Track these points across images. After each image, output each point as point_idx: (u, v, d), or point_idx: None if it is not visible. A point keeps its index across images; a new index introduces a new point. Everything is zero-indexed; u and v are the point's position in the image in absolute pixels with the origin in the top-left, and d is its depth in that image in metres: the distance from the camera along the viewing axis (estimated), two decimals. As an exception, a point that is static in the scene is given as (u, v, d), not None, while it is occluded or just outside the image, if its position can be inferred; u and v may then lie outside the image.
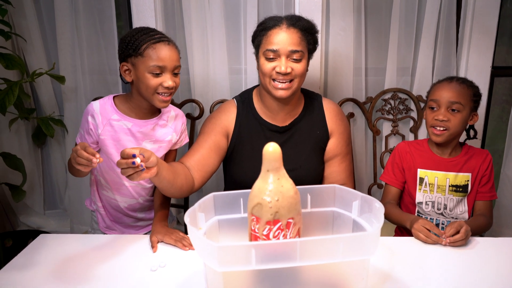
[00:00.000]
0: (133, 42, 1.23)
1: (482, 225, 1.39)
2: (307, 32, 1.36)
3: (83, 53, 1.94)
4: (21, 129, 2.06)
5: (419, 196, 1.47)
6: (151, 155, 1.08)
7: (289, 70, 1.33)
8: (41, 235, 1.33)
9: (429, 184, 1.45)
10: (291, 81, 1.35)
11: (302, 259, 0.88)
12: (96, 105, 1.31)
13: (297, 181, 1.15)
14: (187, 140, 1.48)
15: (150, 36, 1.24)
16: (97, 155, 1.05)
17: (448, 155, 1.45)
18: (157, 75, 1.23)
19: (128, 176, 1.05)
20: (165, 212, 1.37)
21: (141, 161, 1.04)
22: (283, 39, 1.33)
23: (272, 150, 0.92)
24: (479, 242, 1.25)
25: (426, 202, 1.46)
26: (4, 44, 1.80)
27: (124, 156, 1.03)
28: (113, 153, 1.32)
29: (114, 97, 1.35)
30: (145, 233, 1.49)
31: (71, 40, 1.93)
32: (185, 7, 1.88)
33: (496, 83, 2.03)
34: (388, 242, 1.26)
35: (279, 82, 1.35)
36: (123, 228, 1.48)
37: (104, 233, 1.47)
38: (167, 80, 1.24)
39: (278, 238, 0.96)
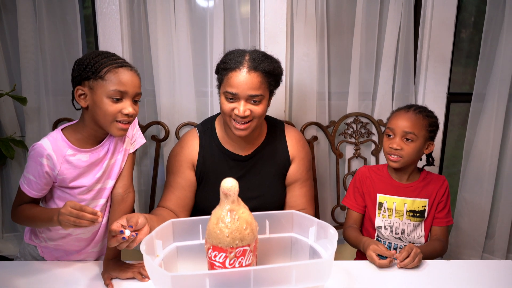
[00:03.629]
0: (93, 65, 1.15)
1: (438, 249, 1.43)
2: (269, 74, 1.36)
3: (47, 73, 1.91)
4: (-20, 150, 2.00)
5: (378, 221, 1.50)
6: (138, 218, 1.11)
7: (247, 113, 1.34)
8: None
9: (388, 209, 1.49)
10: (249, 121, 1.37)
11: (256, 287, 0.89)
12: (47, 144, 1.18)
13: (261, 208, 1.18)
14: (143, 141, 1.38)
15: (112, 60, 1.18)
16: (99, 213, 1.05)
17: (405, 180, 1.50)
18: (117, 100, 1.16)
19: (126, 247, 1.08)
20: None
21: (131, 230, 1.07)
22: (242, 83, 1.32)
23: (229, 185, 0.96)
24: (430, 265, 1.29)
25: (384, 226, 1.50)
26: (-36, 64, 1.76)
27: (113, 234, 1.06)
28: (73, 185, 1.24)
29: (62, 129, 1.24)
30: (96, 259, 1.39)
31: (34, 60, 1.90)
32: (151, 30, 1.89)
33: (453, 106, 2.12)
34: (346, 266, 1.29)
35: (237, 122, 1.36)
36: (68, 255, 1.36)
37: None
38: (127, 107, 1.17)
39: (234, 266, 0.97)
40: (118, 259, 1.26)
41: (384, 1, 1.95)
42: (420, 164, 1.54)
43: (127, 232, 1.05)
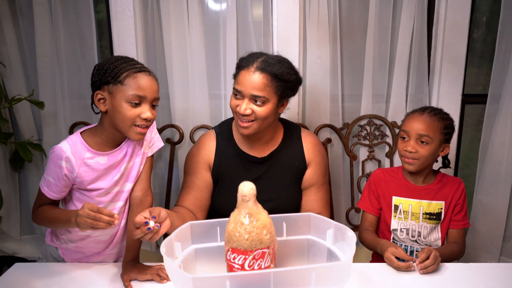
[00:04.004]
0: (113, 70, 1.18)
1: (455, 252, 1.42)
2: (277, 78, 1.36)
3: (63, 78, 1.94)
4: (-2, 154, 2.04)
5: (394, 223, 1.50)
6: (160, 211, 1.13)
7: (248, 112, 1.36)
8: (16, 264, 1.32)
9: (404, 211, 1.48)
10: (252, 121, 1.38)
11: (276, 289, 0.90)
12: (66, 147, 1.20)
13: (276, 211, 1.19)
14: (161, 144, 1.40)
15: (131, 65, 1.20)
16: (115, 215, 1.08)
17: (421, 183, 1.49)
18: (135, 105, 1.18)
19: (149, 239, 1.10)
20: (137, 250, 1.29)
21: (155, 221, 1.09)
22: (247, 82, 1.35)
23: (247, 189, 0.97)
24: (448, 268, 1.29)
25: (400, 229, 1.49)
26: (-17, 69, 1.80)
27: (137, 226, 1.08)
28: (91, 187, 1.26)
29: (81, 133, 1.26)
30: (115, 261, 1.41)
31: (51, 65, 1.93)
32: (165, 33, 1.91)
33: (468, 107, 2.11)
34: (363, 269, 1.28)
35: (240, 120, 1.39)
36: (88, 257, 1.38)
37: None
38: (146, 111, 1.19)
39: (253, 268, 0.98)
40: (136, 261, 1.28)
41: (397, 2, 1.94)
42: (436, 166, 1.53)
43: (152, 223, 1.07)
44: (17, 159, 2.04)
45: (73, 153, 1.21)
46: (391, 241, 1.51)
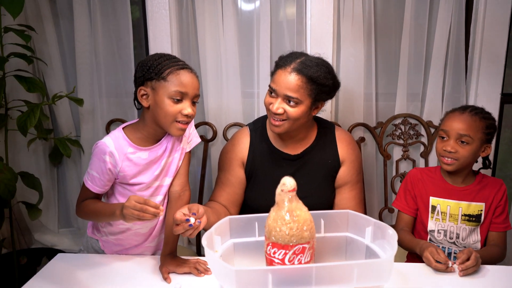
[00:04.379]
0: (156, 66, 1.20)
1: (495, 255, 1.39)
2: (313, 81, 1.35)
3: (101, 76, 2.00)
4: (39, 149, 2.12)
5: (431, 224, 1.47)
6: (198, 207, 1.15)
7: (280, 111, 1.36)
8: (59, 255, 1.37)
9: (442, 212, 1.45)
10: (283, 120, 1.38)
11: (317, 284, 0.90)
12: (109, 142, 1.24)
13: (309, 208, 1.19)
14: (198, 140, 1.42)
15: (174, 62, 1.23)
16: (161, 207, 1.11)
17: (460, 183, 1.46)
18: (177, 101, 1.19)
19: (189, 235, 1.13)
20: (175, 243, 1.31)
21: (195, 217, 1.12)
22: (282, 81, 1.35)
23: (288, 184, 0.98)
24: (490, 270, 1.25)
25: (438, 230, 1.46)
26: (26, 68, 1.87)
27: (177, 222, 1.11)
28: (133, 181, 1.29)
29: (123, 128, 1.29)
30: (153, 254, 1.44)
31: (89, 64, 2.00)
32: (199, 33, 1.94)
33: (507, 106, 2.04)
34: (400, 268, 1.27)
35: (272, 118, 1.40)
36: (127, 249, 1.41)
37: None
38: (187, 108, 1.21)
39: (293, 263, 0.99)
40: (174, 254, 1.30)
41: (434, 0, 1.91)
42: (476, 166, 1.50)
43: (192, 220, 1.10)
44: (57, 155, 2.11)
45: (116, 148, 1.24)
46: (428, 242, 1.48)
